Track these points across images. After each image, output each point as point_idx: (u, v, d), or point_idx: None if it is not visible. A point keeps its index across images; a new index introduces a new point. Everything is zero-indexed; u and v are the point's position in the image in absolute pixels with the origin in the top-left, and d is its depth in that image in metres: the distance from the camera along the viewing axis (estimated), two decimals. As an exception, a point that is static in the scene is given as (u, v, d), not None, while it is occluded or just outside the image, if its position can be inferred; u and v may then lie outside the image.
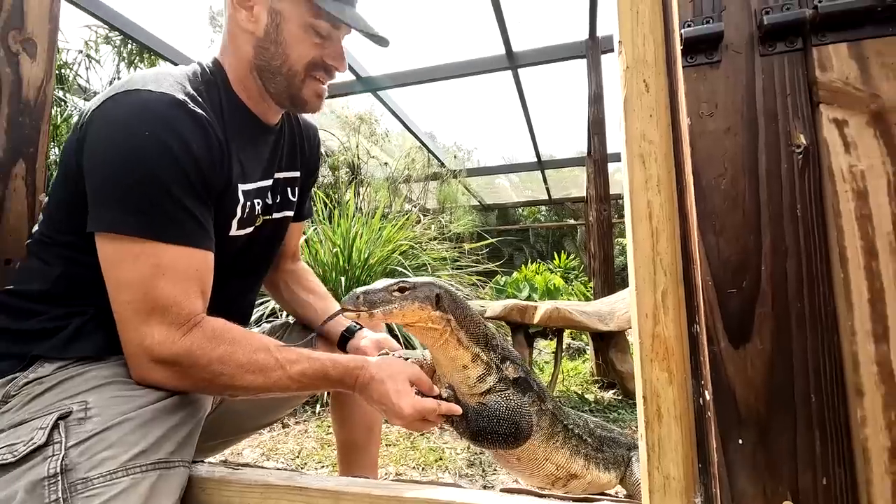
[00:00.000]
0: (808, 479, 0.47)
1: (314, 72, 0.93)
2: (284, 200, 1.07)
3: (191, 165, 0.77)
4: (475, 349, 0.98)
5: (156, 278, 0.73)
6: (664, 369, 0.60)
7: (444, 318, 0.92)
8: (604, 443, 1.19)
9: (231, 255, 0.96)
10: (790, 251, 0.50)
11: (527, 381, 1.03)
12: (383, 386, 0.82)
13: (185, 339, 0.75)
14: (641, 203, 0.62)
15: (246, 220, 0.94)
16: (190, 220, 0.77)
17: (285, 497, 0.73)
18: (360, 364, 0.85)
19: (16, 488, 0.62)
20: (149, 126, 0.74)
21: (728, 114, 0.53)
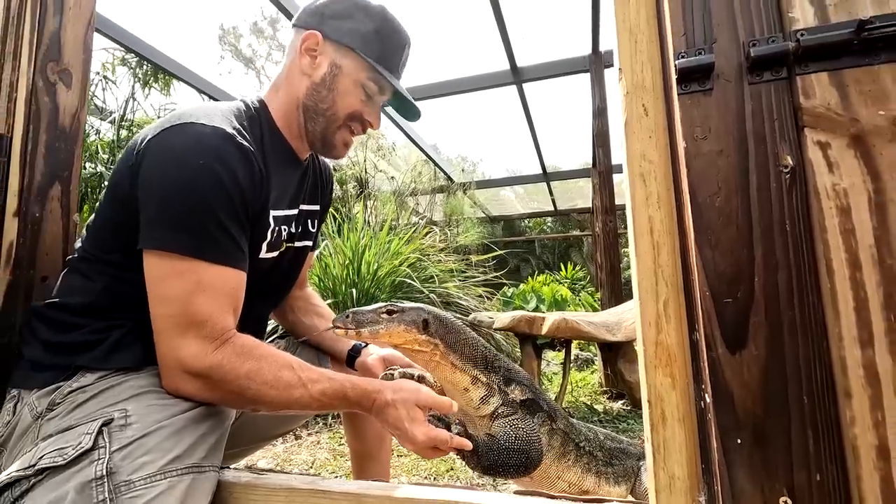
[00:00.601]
0: (803, 476, 0.50)
1: (351, 122, 1.05)
2: (305, 231, 1.15)
3: (236, 193, 0.84)
4: (473, 372, 1.01)
5: (196, 294, 0.79)
6: (667, 375, 0.63)
7: (430, 342, 0.97)
8: (614, 456, 1.21)
9: (259, 277, 1.02)
10: (780, 263, 0.54)
11: (535, 402, 1.05)
12: (397, 412, 0.86)
13: (216, 353, 0.79)
14: (643, 218, 0.67)
15: (274, 244, 1.01)
16: (231, 243, 0.83)
17: (309, 500, 0.76)
18: (377, 388, 0.88)
19: (67, 489, 0.66)
20: (202, 157, 0.81)
21: (720, 137, 0.57)
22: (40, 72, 1.02)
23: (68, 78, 1.07)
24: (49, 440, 0.73)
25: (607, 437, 1.29)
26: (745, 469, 0.52)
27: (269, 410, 0.86)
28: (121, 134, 4.23)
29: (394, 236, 3.79)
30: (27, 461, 0.70)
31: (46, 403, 0.80)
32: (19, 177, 0.97)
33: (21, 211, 0.97)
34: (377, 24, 1.01)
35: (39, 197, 1.00)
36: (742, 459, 0.52)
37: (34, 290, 0.98)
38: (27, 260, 0.97)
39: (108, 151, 4.12)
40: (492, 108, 11.01)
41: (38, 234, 1.00)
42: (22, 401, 0.83)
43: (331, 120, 1.03)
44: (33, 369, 0.85)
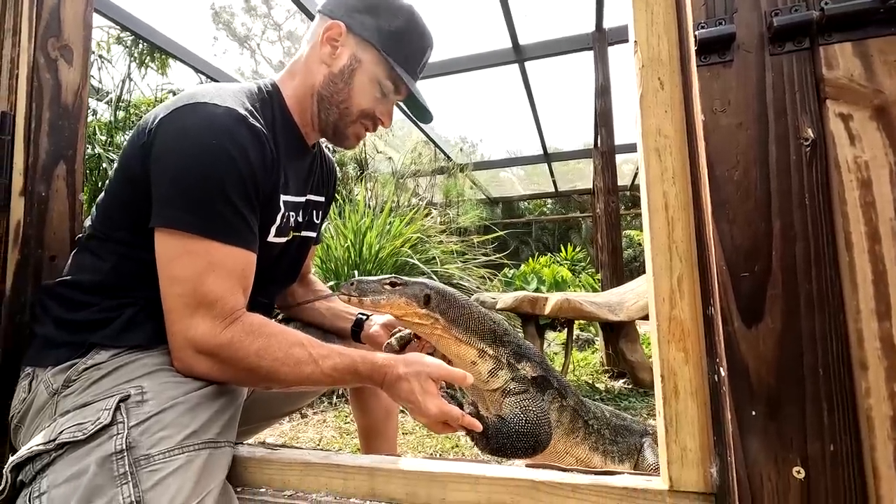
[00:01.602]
0: (817, 446, 0.51)
1: (363, 119, 1.05)
2: (310, 222, 1.15)
3: (248, 174, 0.83)
4: (479, 345, 1.02)
5: (206, 274, 0.79)
6: (680, 349, 0.64)
7: (430, 316, 0.98)
8: (618, 433, 1.22)
9: (268, 262, 1.02)
10: (798, 237, 0.53)
11: (546, 379, 1.06)
12: (410, 384, 0.86)
13: (226, 332, 0.79)
14: (657, 194, 0.66)
15: (282, 230, 1.01)
16: (242, 223, 0.83)
17: (324, 474, 0.78)
18: (388, 362, 0.88)
19: (88, 462, 0.67)
20: (214, 137, 0.81)
21: (740, 110, 0.56)
22: (41, 48, 1.00)
23: (69, 54, 1.05)
24: (67, 416, 0.74)
25: (613, 414, 1.30)
26: (759, 440, 0.53)
27: (282, 387, 0.86)
28: (118, 115, 4.18)
29: (395, 217, 3.78)
30: (47, 436, 0.71)
31: (62, 380, 0.80)
32: (24, 155, 0.96)
33: (27, 190, 0.96)
34: (402, 24, 1.01)
35: (45, 176, 0.99)
36: (756, 431, 0.53)
37: (43, 270, 0.98)
38: (35, 239, 0.97)
39: (105, 133, 4.07)
40: (493, 88, 10.87)
41: (44, 214, 0.99)
42: (37, 378, 0.84)
43: (344, 113, 1.03)
44: (47, 347, 0.85)
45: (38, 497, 0.66)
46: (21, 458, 0.70)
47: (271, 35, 17.09)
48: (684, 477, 0.63)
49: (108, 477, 0.66)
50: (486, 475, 0.71)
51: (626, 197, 11.31)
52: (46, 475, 0.68)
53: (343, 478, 0.77)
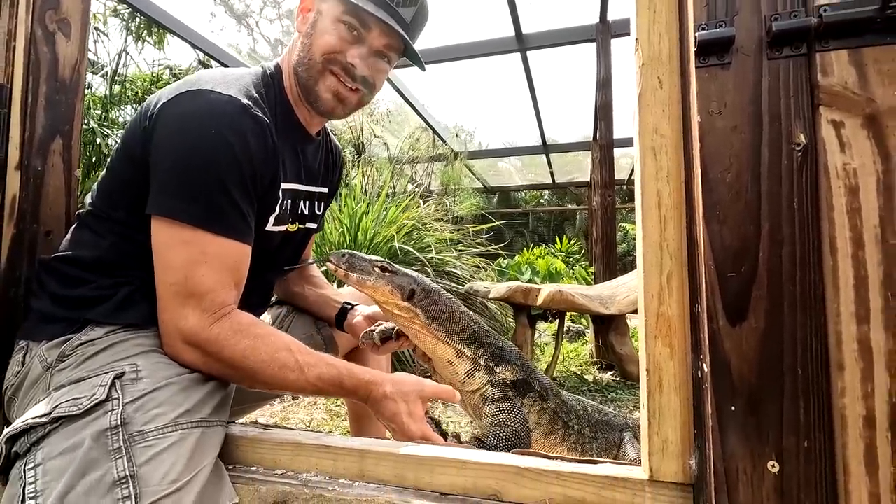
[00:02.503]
0: (792, 442, 0.53)
1: (332, 66, 0.95)
2: (312, 213, 1.15)
3: (247, 165, 0.83)
4: (457, 345, 1.02)
5: (199, 265, 0.79)
6: (666, 345, 0.66)
7: (411, 310, 0.98)
8: (599, 429, 1.24)
9: (270, 251, 1.03)
10: (786, 240, 0.55)
11: (527, 382, 1.06)
12: (396, 405, 0.86)
13: (214, 327, 0.80)
14: (652, 192, 0.68)
15: (281, 218, 1.00)
16: (238, 216, 0.83)
17: (314, 455, 0.79)
18: (375, 379, 0.87)
19: (83, 436, 0.68)
20: (215, 126, 0.80)
21: (735, 113, 0.57)
22: (39, 20, 0.99)
23: (67, 28, 1.04)
24: (62, 390, 0.75)
25: (594, 408, 1.32)
26: (738, 434, 0.55)
27: (265, 389, 0.86)
28: (113, 89, 4.12)
29: (391, 204, 3.78)
30: (42, 409, 0.72)
31: (56, 355, 0.81)
32: (20, 129, 0.96)
33: (23, 164, 0.96)
34: None
35: (41, 150, 0.99)
36: (735, 425, 0.55)
37: (38, 245, 0.98)
38: (31, 214, 0.97)
39: (100, 107, 4.01)
40: (493, 77, 10.78)
41: (40, 189, 0.99)
42: (31, 352, 0.84)
43: (310, 66, 0.95)
44: (42, 321, 0.86)
45: (34, 468, 0.67)
46: (16, 430, 0.71)
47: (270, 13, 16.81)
48: (664, 468, 0.65)
49: (103, 451, 0.67)
50: (472, 460, 0.73)
51: (623, 191, 11.34)
52: (42, 447, 0.69)
53: (333, 459, 0.78)
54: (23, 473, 0.67)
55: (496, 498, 0.71)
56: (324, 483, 0.76)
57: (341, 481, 0.76)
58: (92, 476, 0.65)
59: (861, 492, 0.50)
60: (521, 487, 0.70)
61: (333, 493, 0.72)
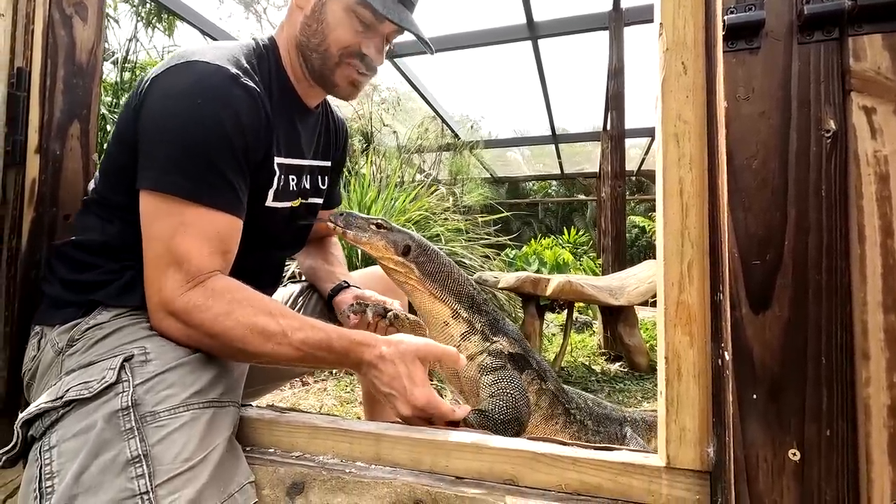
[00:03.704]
0: (814, 430, 0.53)
1: (349, 58, 0.95)
2: (315, 188, 1.13)
3: (237, 136, 0.81)
4: (454, 305, 1.01)
5: (179, 234, 0.78)
6: (686, 333, 0.65)
7: (405, 265, 0.99)
8: (601, 422, 1.22)
9: (273, 228, 1.02)
10: (812, 227, 0.54)
11: (525, 358, 1.05)
12: (395, 367, 0.79)
13: (189, 294, 0.77)
14: (673, 179, 0.67)
15: (281, 194, 0.99)
16: (225, 187, 0.81)
17: (331, 438, 0.80)
18: (367, 340, 0.81)
19: (95, 418, 0.69)
20: (202, 96, 0.79)
21: (763, 98, 0.56)
22: (56, 4, 0.99)
23: (84, 11, 1.04)
24: (73, 374, 0.76)
25: (594, 402, 1.31)
26: (759, 422, 0.55)
27: (249, 360, 0.83)
28: (124, 76, 4.12)
29: (400, 192, 3.77)
30: (54, 393, 0.73)
31: (66, 339, 0.82)
32: (39, 112, 0.96)
33: (42, 147, 0.96)
34: None
35: (59, 134, 1.00)
36: (756, 413, 0.55)
37: (57, 228, 0.99)
38: (50, 197, 0.98)
39: (111, 93, 4.03)
40: (503, 65, 10.68)
41: (59, 173, 1.00)
42: (45, 337, 0.85)
43: (325, 57, 0.95)
44: (53, 306, 0.87)
45: (49, 450, 0.68)
46: (30, 415, 0.72)
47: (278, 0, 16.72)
48: (682, 455, 0.65)
49: (116, 431, 0.68)
50: (488, 445, 0.73)
51: (632, 182, 11.24)
52: (56, 430, 0.70)
53: (349, 442, 0.79)
54: (39, 455, 0.68)
55: (512, 482, 0.71)
56: (340, 465, 0.76)
57: (358, 464, 0.77)
58: (105, 456, 0.66)
59: (883, 480, 0.50)
60: (537, 472, 0.71)
61: (350, 476, 0.72)
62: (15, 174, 0.93)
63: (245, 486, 0.71)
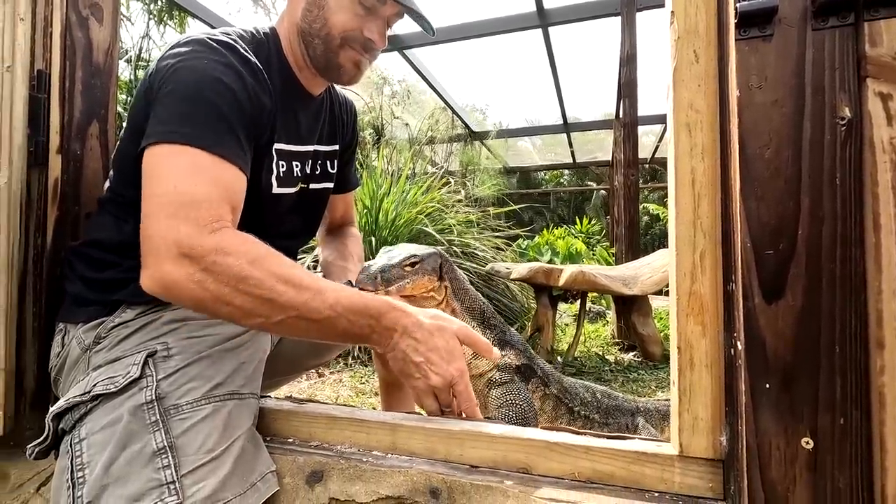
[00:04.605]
0: (827, 419, 0.53)
1: (351, 43, 0.95)
2: (324, 173, 1.12)
3: (241, 93, 0.81)
4: (470, 323, 1.02)
5: (192, 175, 0.72)
6: (699, 323, 0.65)
7: (444, 286, 0.98)
8: (610, 415, 1.23)
9: (279, 215, 1.02)
10: (826, 217, 0.54)
11: (530, 368, 1.05)
12: (432, 338, 0.75)
13: (214, 235, 0.70)
14: (685, 169, 0.67)
15: (285, 180, 0.98)
16: (232, 140, 0.79)
17: (348, 428, 0.82)
18: (406, 307, 0.77)
19: (121, 412, 0.72)
20: (206, 57, 0.80)
21: (777, 86, 0.56)
22: (72, 6, 1.00)
23: (99, 13, 1.06)
24: (99, 370, 0.79)
25: (604, 394, 1.31)
26: (771, 411, 0.55)
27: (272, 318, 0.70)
28: (137, 73, 4.18)
29: (412, 185, 3.78)
30: (82, 388, 0.76)
31: (93, 337, 0.85)
32: (59, 113, 0.98)
33: (63, 148, 0.99)
34: None
35: (79, 135, 1.02)
36: (769, 403, 0.55)
37: (80, 226, 1.02)
38: (72, 196, 1.00)
39: (125, 91, 4.09)
40: (513, 54, 10.57)
41: (80, 172, 1.02)
42: (69, 334, 0.88)
43: (328, 42, 0.94)
44: (77, 304, 0.89)
45: (79, 442, 0.71)
46: (60, 409, 0.75)
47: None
48: (694, 444, 0.65)
49: (141, 424, 0.71)
50: (502, 435, 0.74)
51: (645, 170, 11.10)
52: (85, 423, 0.73)
53: (366, 432, 0.81)
54: (70, 447, 0.71)
55: (525, 471, 0.73)
56: (358, 455, 0.78)
57: (374, 453, 0.79)
58: (133, 448, 0.69)
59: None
60: (550, 461, 0.72)
61: (368, 465, 0.74)
62: (38, 174, 0.96)
63: (267, 475, 0.74)
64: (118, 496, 0.65)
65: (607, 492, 0.67)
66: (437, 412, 0.81)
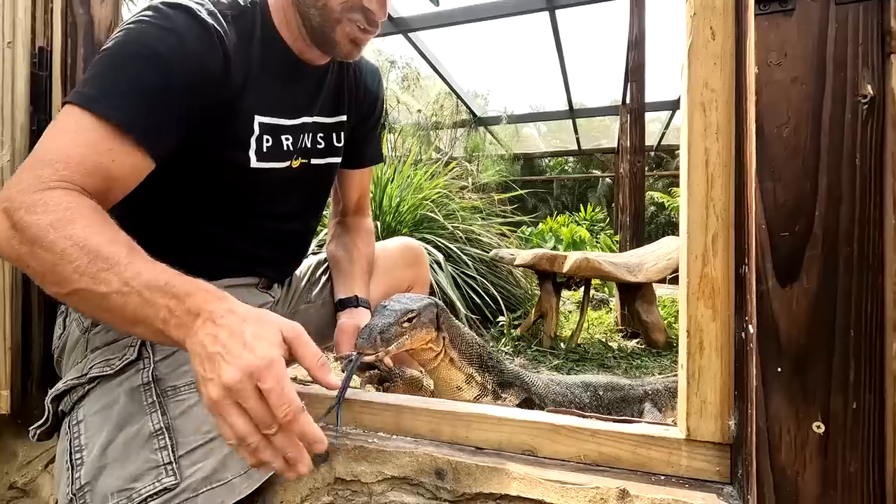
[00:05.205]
0: (840, 403, 0.52)
1: (350, 14, 0.89)
2: (329, 147, 1.05)
3: (177, 61, 0.75)
4: (468, 370, 1.00)
5: (67, 134, 0.69)
6: (709, 306, 0.65)
7: (441, 336, 0.94)
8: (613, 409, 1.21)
9: (268, 193, 0.96)
10: (844, 198, 0.53)
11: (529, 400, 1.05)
12: (242, 324, 0.56)
13: (40, 193, 0.64)
14: (699, 150, 0.65)
15: (269, 154, 0.92)
16: (140, 111, 0.71)
17: (352, 409, 0.82)
18: (218, 292, 0.62)
19: (118, 393, 0.72)
20: (150, 22, 0.75)
21: (797, 63, 0.54)
22: (73, -19, 0.99)
23: (101, -11, 1.04)
24: (97, 352, 0.78)
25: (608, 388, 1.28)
26: (782, 395, 0.54)
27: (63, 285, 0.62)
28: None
29: (417, 170, 3.76)
30: (80, 370, 0.76)
31: (91, 319, 0.84)
32: (61, 91, 0.97)
33: (66, 127, 0.98)
34: None
35: (82, 114, 1.01)
36: (780, 386, 0.54)
37: (84, 207, 1.01)
38: (76, 176, 0.99)
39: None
40: (519, 39, 10.43)
41: (83, 152, 1.01)
42: (70, 315, 0.88)
43: (325, 13, 0.88)
44: None
45: (77, 424, 0.71)
46: (58, 391, 0.75)
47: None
48: (702, 427, 0.65)
49: (138, 406, 0.70)
50: (508, 417, 0.74)
51: (650, 157, 11.00)
52: (83, 405, 0.73)
53: (371, 413, 0.81)
54: (69, 429, 0.71)
55: (531, 453, 0.72)
56: (363, 436, 0.79)
57: (380, 434, 0.79)
58: (130, 429, 0.69)
59: (911, 453, 0.49)
60: (556, 444, 0.72)
61: (373, 445, 0.74)
62: (41, 153, 0.95)
63: None
64: (115, 477, 0.65)
65: (613, 474, 0.67)
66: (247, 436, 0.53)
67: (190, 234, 0.93)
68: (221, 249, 0.96)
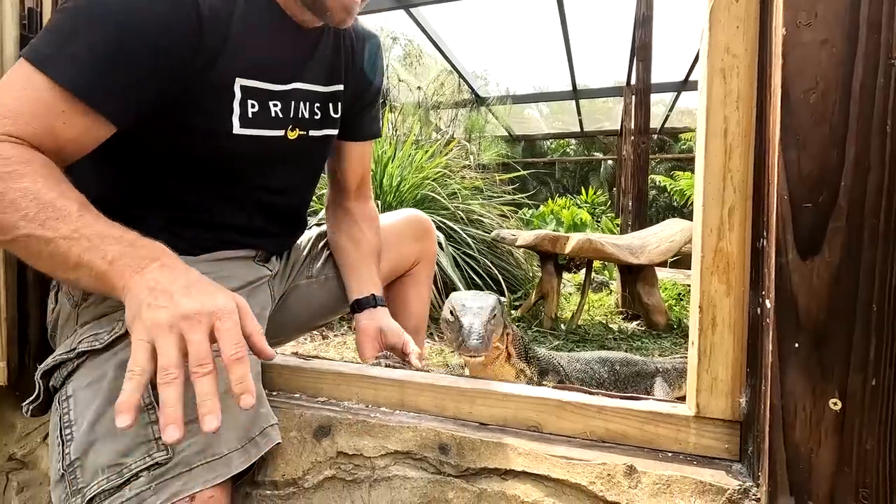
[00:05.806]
0: (858, 380, 0.51)
1: None
2: (325, 117, 1.00)
3: (143, 22, 0.71)
4: (520, 365, 1.00)
5: (14, 91, 0.67)
6: (723, 282, 0.63)
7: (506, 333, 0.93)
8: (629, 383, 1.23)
9: (259, 165, 0.92)
10: (873, 168, 0.50)
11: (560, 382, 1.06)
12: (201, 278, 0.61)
13: None
14: (718, 119, 0.63)
15: (255, 121, 0.87)
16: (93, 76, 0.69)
17: (356, 384, 0.81)
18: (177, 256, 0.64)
19: (106, 368, 0.70)
20: None
21: (827, 24, 0.51)
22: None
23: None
24: (86, 327, 0.76)
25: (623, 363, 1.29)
26: (799, 371, 0.53)
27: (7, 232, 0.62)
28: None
29: (418, 149, 3.71)
30: (69, 345, 0.74)
31: (81, 292, 0.81)
32: (53, 57, 0.94)
33: (59, 93, 0.94)
34: None
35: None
36: (797, 362, 0.53)
37: (79, 177, 0.98)
38: (69, 145, 0.97)
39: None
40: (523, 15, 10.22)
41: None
42: (62, 290, 0.86)
43: None
44: None
45: (66, 399, 0.69)
46: (48, 366, 0.73)
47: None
48: (712, 405, 0.64)
49: None
50: (513, 393, 0.73)
51: (653, 141, 10.88)
52: (72, 380, 0.71)
53: (374, 388, 0.80)
54: (59, 405, 0.70)
55: (536, 429, 0.71)
56: (366, 411, 0.78)
57: (382, 409, 0.78)
58: None
59: (931, 431, 0.48)
60: (562, 420, 0.71)
61: (376, 420, 0.73)
62: (33, 120, 0.92)
63: (266, 430, 0.71)
64: (106, 452, 0.64)
65: (620, 451, 0.66)
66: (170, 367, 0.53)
67: (178, 203, 0.90)
68: (213, 221, 0.93)
